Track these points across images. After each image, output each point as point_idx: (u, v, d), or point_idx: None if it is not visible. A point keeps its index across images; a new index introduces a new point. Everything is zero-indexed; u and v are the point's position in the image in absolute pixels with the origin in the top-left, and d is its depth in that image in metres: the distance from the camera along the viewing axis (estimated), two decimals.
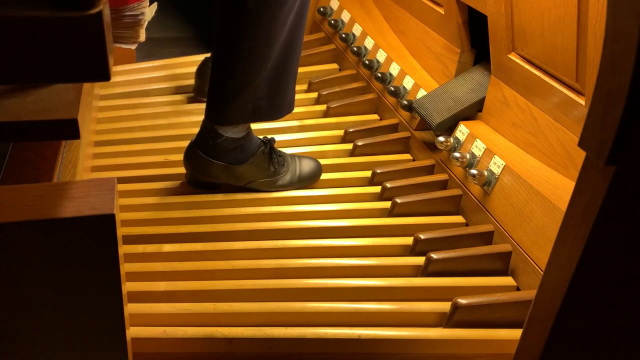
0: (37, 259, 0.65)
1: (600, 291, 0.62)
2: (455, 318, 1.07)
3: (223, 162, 1.34)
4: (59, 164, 1.21)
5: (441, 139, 1.41)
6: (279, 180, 1.41)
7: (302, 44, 1.36)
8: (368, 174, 1.50)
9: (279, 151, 1.44)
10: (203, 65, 1.76)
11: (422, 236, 1.25)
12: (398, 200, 1.36)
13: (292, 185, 1.43)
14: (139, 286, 1.15)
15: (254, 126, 1.47)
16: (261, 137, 1.41)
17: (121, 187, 1.44)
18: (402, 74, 1.67)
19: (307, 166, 1.45)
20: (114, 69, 1.91)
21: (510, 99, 1.33)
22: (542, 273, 0.78)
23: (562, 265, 0.61)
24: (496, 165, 1.28)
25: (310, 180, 1.45)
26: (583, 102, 1.12)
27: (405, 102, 1.57)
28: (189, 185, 1.42)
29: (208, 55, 1.77)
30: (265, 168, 1.38)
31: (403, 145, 1.61)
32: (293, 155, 1.46)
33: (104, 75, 0.53)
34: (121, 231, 0.72)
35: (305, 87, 1.87)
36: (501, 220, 1.25)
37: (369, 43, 1.84)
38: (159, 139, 1.63)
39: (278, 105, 1.34)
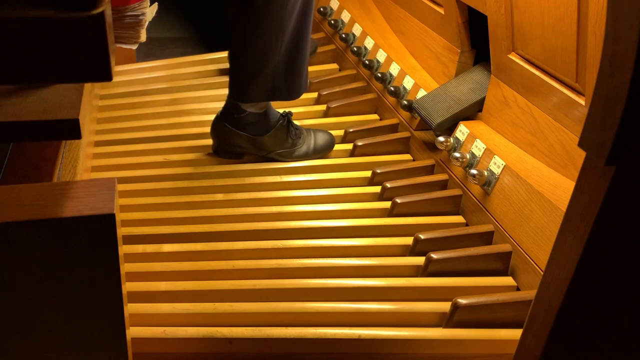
0: (37, 258, 0.65)
1: (600, 291, 0.62)
2: (455, 318, 1.07)
3: (246, 133, 1.48)
4: (59, 164, 1.21)
5: (441, 139, 1.41)
6: (295, 151, 1.54)
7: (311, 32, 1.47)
8: (368, 174, 1.50)
9: (296, 125, 1.56)
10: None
11: (422, 236, 1.25)
12: (398, 200, 1.36)
13: (307, 156, 1.56)
14: (139, 286, 1.15)
15: None
16: (280, 110, 1.54)
17: (121, 187, 1.44)
18: (402, 74, 1.67)
19: (321, 139, 1.58)
20: (114, 69, 1.90)
21: (510, 99, 1.33)
22: (542, 273, 0.78)
23: (562, 265, 0.61)
24: (496, 165, 1.28)
25: (324, 151, 1.58)
26: (583, 102, 1.12)
27: (405, 102, 1.57)
28: (215, 155, 1.54)
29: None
30: (284, 140, 1.52)
31: (403, 145, 1.61)
32: (309, 129, 1.59)
33: (106, 75, 0.53)
34: (121, 231, 0.72)
35: None
36: (501, 220, 1.25)
37: (369, 43, 1.84)
38: (159, 139, 1.63)
39: (295, 86, 1.47)
